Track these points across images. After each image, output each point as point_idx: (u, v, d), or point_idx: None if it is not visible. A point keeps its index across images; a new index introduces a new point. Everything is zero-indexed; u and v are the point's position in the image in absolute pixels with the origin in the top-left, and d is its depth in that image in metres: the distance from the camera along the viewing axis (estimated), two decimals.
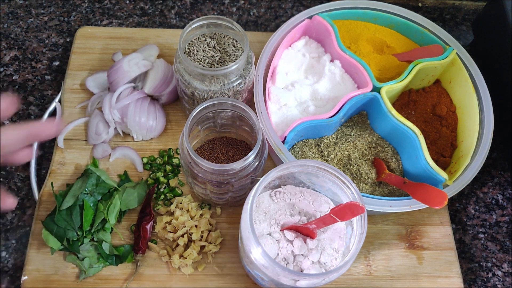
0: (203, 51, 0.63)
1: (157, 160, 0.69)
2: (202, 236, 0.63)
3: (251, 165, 0.56)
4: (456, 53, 0.69)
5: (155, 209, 0.66)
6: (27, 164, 0.70)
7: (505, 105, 0.71)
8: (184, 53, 0.63)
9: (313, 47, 0.74)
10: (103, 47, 0.78)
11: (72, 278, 0.61)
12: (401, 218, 0.68)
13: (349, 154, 0.66)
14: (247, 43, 0.61)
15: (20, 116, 0.74)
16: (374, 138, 0.68)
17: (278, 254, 0.52)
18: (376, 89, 0.66)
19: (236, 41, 0.65)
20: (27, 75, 0.78)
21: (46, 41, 0.81)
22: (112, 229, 0.62)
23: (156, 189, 0.67)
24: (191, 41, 0.64)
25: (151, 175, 0.68)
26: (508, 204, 0.72)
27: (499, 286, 0.66)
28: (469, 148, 0.64)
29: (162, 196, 0.66)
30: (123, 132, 0.71)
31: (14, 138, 0.44)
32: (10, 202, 0.46)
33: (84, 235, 0.61)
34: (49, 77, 0.78)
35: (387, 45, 0.73)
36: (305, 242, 0.53)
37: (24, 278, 0.61)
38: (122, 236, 0.63)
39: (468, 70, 0.69)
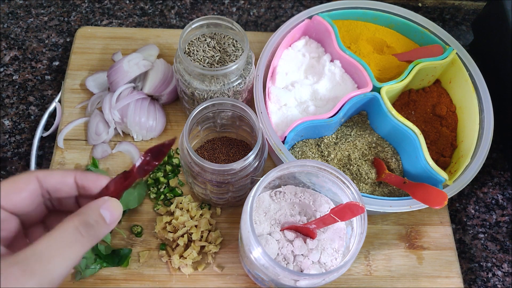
0: (203, 51, 0.64)
1: None
2: (202, 236, 0.63)
3: (251, 165, 0.56)
4: (456, 53, 0.69)
5: (155, 209, 0.66)
6: (27, 164, 0.70)
7: (505, 105, 0.71)
8: (184, 53, 0.63)
9: (313, 47, 0.74)
10: (103, 47, 0.78)
11: (71, 279, 0.61)
12: (401, 218, 0.68)
13: (349, 154, 0.66)
14: (247, 43, 0.61)
15: (20, 116, 0.74)
16: (374, 138, 0.68)
17: (278, 254, 0.52)
18: (376, 89, 0.66)
19: (236, 41, 0.65)
20: (27, 75, 0.78)
21: (46, 41, 0.81)
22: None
23: (156, 189, 0.67)
24: (191, 41, 0.64)
25: (151, 175, 0.68)
26: (508, 204, 0.72)
27: (499, 286, 0.66)
28: (469, 148, 0.64)
29: (162, 196, 0.66)
30: (123, 132, 0.71)
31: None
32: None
33: None
34: (49, 77, 0.78)
35: (387, 45, 0.73)
36: (305, 242, 0.53)
37: None
38: (124, 234, 0.63)
39: (468, 70, 0.69)
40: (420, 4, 0.91)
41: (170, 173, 0.68)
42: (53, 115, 0.74)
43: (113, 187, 0.37)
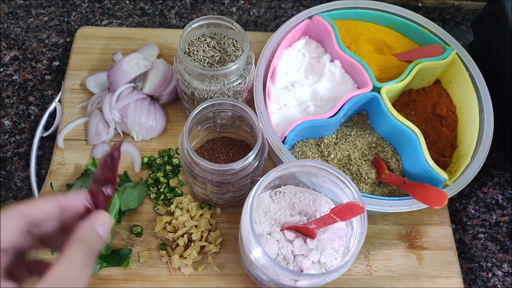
0: (203, 51, 0.64)
1: (157, 160, 0.69)
2: (202, 236, 0.63)
3: (251, 165, 0.56)
4: (456, 53, 0.69)
5: (155, 209, 0.66)
6: (27, 164, 0.70)
7: (505, 105, 0.71)
8: (184, 53, 0.63)
9: (313, 47, 0.74)
10: (103, 47, 0.78)
11: None
12: (401, 218, 0.68)
13: (349, 154, 0.66)
14: (247, 43, 0.61)
15: (20, 116, 0.74)
16: (374, 138, 0.68)
17: (278, 254, 0.52)
18: (376, 89, 0.66)
19: (236, 41, 0.65)
20: (27, 75, 0.78)
21: (46, 41, 0.81)
22: (111, 229, 0.62)
23: (156, 189, 0.67)
24: (191, 41, 0.64)
25: (151, 175, 0.68)
26: (508, 204, 0.72)
27: (499, 286, 0.66)
28: (469, 148, 0.64)
29: (162, 196, 0.66)
30: (123, 132, 0.71)
31: None
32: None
33: None
34: (49, 77, 0.78)
35: (387, 45, 0.73)
36: (305, 242, 0.53)
37: None
38: (124, 234, 0.63)
39: (468, 70, 0.69)
40: (420, 4, 0.91)
41: (170, 173, 0.68)
42: (53, 115, 0.74)
43: (95, 205, 0.38)
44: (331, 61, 0.71)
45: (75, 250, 0.35)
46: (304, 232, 0.53)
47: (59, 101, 0.74)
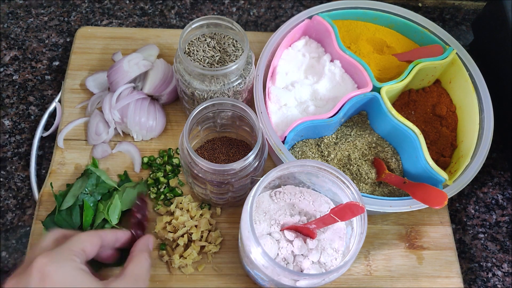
0: (203, 51, 0.64)
1: (157, 160, 0.69)
2: (202, 236, 0.63)
3: (251, 165, 0.56)
4: (456, 53, 0.69)
5: (155, 209, 0.66)
6: (27, 164, 0.70)
7: (505, 105, 0.71)
8: (184, 53, 0.63)
9: (313, 47, 0.74)
10: (103, 47, 0.78)
11: None
12: (401, 218, 0.68)
13: (349, 154, 0.66)
14: (247, 43, 0.61)
15: (20, 116, 0.74)
16: (374, 138, 0.68)
17: (278, 254, 0.52)
18: (376, 89, 0.66)
19: (236, 41, 0.65)
20: (27, 75, 0.78)
21: (46, 41, 0.81)
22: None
23: (156, 189, 0.67)
24: (191, 41, 0.64)
25: (151, 175, 0.68)
26: (508, 204, 0.72)
27: (499, 286, 0.66)
28: (469, 148, 0.64)
29: (162, 196, 0.66)
30: (123, 132, 0.71)
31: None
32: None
33: None
34: (49, 77, 0.78)
35: (387, 45, 0.73)
36: (305, 242, 0.53)
37: None
38: None
39: (468, 70, 0.69)
40: (420, 4, 0.91)
41: (170, 173, 0.68)
42: (53, 115, 0.74)
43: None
44: (331, 61, 0.71)
45: (143, 256, 0.51)
46: (304, 232, 0.53)
47: (59, 101, 0.74)
